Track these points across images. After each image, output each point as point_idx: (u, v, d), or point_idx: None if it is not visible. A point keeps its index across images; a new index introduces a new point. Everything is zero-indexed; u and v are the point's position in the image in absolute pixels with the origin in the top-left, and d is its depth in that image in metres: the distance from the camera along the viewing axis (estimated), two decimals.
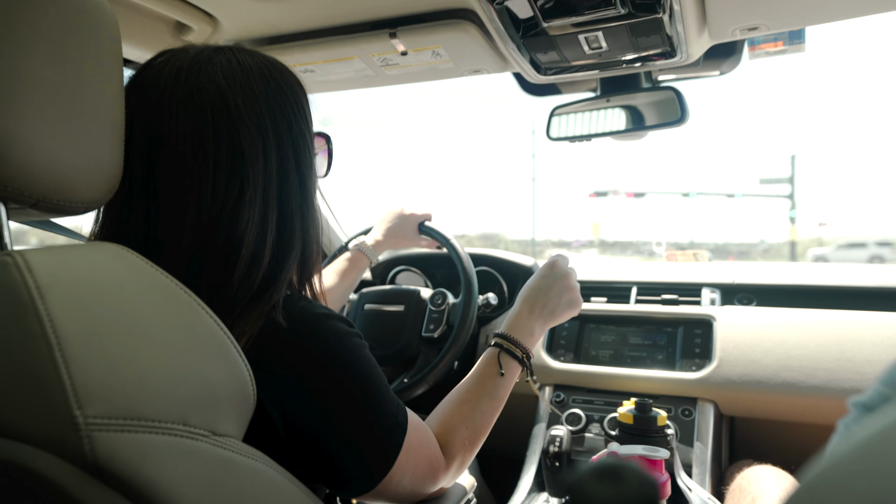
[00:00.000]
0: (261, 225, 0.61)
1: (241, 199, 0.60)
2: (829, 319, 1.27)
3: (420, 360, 1.31)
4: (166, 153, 0.59)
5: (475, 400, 0.82)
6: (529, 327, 0.91)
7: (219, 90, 0.60)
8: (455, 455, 0.76)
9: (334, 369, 0.61)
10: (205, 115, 0.59)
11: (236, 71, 0.62)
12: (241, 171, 0.60)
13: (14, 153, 0.43)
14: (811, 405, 1.17)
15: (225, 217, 0.59)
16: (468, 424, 0.79)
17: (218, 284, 0.59)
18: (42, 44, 0.45)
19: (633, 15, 0.90)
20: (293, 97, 0.66)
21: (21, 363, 0.39)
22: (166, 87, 0.60)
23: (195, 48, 0.63)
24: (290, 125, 0.64)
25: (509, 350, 0.87)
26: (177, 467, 0.41)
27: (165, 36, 1.05)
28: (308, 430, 0.60)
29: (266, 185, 0.62)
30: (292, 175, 0.64)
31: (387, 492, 0.65)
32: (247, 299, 0.60)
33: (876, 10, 0.91)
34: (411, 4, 0.98)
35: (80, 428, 0.38)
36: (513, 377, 0.87)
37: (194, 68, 0.61)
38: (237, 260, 0.59)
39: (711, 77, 1.25)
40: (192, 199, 0.59)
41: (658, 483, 0.85)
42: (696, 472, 1.14)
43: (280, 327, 0.59)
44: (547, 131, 1.27)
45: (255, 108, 0.61)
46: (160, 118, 0.59)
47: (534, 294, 0.95)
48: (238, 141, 0.60)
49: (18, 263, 0.40)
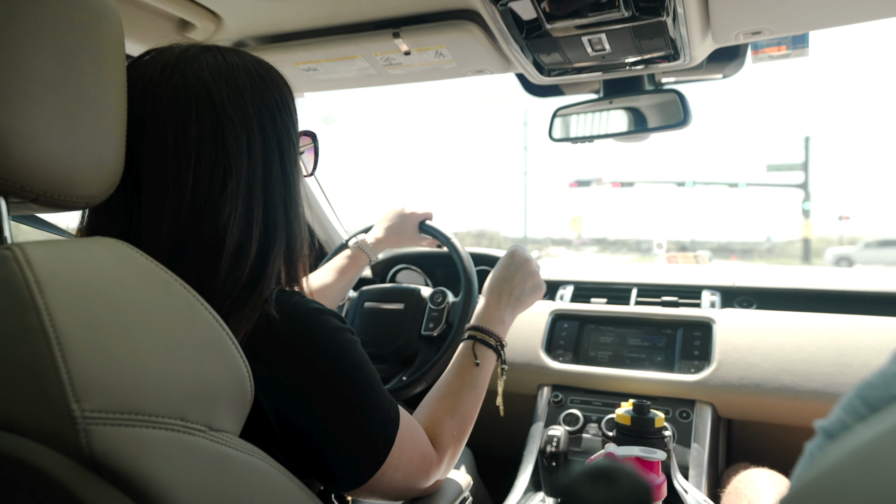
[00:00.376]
0: (245, 217, 0.62)
1: (224, 191, 0.61)
2: (829, 323, 1.27)
3: (419, 359, 1.32)
4: (149, 145, 0.59)
5: (457, 392, 0.84)
6: (499, 316, 0.95)
7: (204, 85, 0.61)
8: (445, 448, 0.77)
9: (326, 364, 0.62)
10: (189, 109, 0.60)
11: (222, 67, 0.62)
12: (224, 165, 0.61)
13: (16, 148, 0.43)
14: (809, 409, 1.17)
15: (208, 209, 0.60)
16: (454, 416, 0.81)
17: (206, 276, 0.59)
18: (44, 39, 0.45)
19: (636, 18, 0.90)
20: (279, 94, 0.66)
21: (19, 357, 0.39)
22: (150, 81, 0.60)
23: (181, 46, 0.64)
24: (274, 122, 0.65)
25: (483, 340, 0.91)
26: (173, 462, 0.42)
27: (169, 33, 1.05)
28: (300, 424, 0.60)
29: (250, 178, 0.62)
30: (276, 170, 0.65)
31: (379, 487, 0.66)
32: (236, 292, 0.60)
33: (879, 16, 0.91)
34: (415, 5, 0.98)
35: (77, 422, 0.38)
36: (490, 366, 0.91)
37: (180, 64, 0.61)
38: (222, 251, 0.60)
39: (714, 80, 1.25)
40: (173, 191, 0.59)
41: (651, 486, 0.85)
42: (693, 475, 1.14)
43: (273, 321, 0.60)
44: (549, 132, 1.27)
45: (239, 103, 0.62)
46: (143, 111, 0.59)
47: (499, 285, 0.99)
48: (222, 135, 0.61)
49: (18, 257, 0.40)
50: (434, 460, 0.74)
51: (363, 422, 0.63)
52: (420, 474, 0.71)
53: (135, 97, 0.59)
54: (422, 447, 0.72)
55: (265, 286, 0.62)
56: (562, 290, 1.61)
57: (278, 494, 0.52)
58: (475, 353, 0.89)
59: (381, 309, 1.41)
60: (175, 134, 0.59)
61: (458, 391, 0.84)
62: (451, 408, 0.82)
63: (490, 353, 0.91)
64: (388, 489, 0.67)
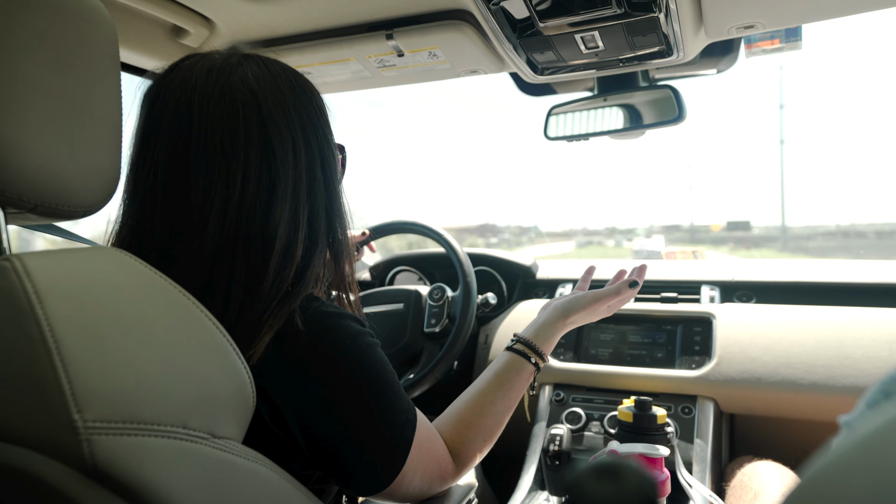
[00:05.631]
0: (292, 219, 0.63)
1: (273, 193, 0.62)
2: (829, 316, 1.27)
3: (424, 356, 1.32)
4: (196, 145, 0.60)
5: (498, 414, 0.81)
6: (555, 333, 0.92)
7: (250, 90, 0.62)
8: (469, 463, 0.77)
9: (348, 369, 0.62)
10: (236, 112, 0.61)
11: (265, 74, 0.64)
12: (271, 168, 0.62)
13: (12, 157, 0.43)
14: (810, 402, 1.17)
15: (259, 209, 0.61)
16: (486, 437, 0.79)
17: (253, 277, 0.60)
18: (39, 48, 0.45)
19: (629, 14, 0.90)
20: (316, 103, 0.68)
21: (20, 367, 0.39)
22: (197, 83, 0.61)
23: (223, 53, 0.66)
24: (315, 129, 0.66)
25: (525, 354, 0.87)
26: (176, 470, 0.42)
27: (162, 40, 1.05)
28: (322, 428, 0.61)
29: (296, 181, 0.64)
30: (319, 175, 0.66)
31: (398, 491, 0.65)
32: (282, 294, 0.61)
33: (872, 8, 0.91)
34: (407, 6, 0.98)
35: (79, 432, 0.38)
36: (527, 382, 0.86)
37: (226, 69, 0.63)
38: (272, 252, 0.61)
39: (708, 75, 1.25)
40: (221, 191, 0.60)
41: (657, 481, 0.85)
42: (697, 470, 1.14)
43: (295, 326, 0.60)
44: (544, 131, 1.27)
45: (284, 109, 0.63)
46: (190, 114, 0.60)
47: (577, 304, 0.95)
48: (269, 139, 0.62)
49: (17, 268, 0.40)
50: (450, 468, 0.74)
51: (385, 425, 0.63)
52: (436, 479, 0.71)
53: (180, 100, 0.60)
54: (438, 451, 0.71)
55: (303, 289, 0.63)
56: (561, 288, 1.61)
57: (282, 501, 0.52)
58: (518, 369, 0.85)
59: (380, 312, 1.41)
60: (223, 136, 0.60)
61: (502, 413, 0.81)
62: (488, 429, 0.79)
63: (530, 369, 0.86)
64: (406, 492, 0.67)
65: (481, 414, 0.79)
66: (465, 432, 0.77)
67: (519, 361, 0.86)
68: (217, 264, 0.59)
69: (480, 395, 0.81)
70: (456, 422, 0.78)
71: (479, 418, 0.79)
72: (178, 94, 0.61)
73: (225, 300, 0.58)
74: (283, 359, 0.59)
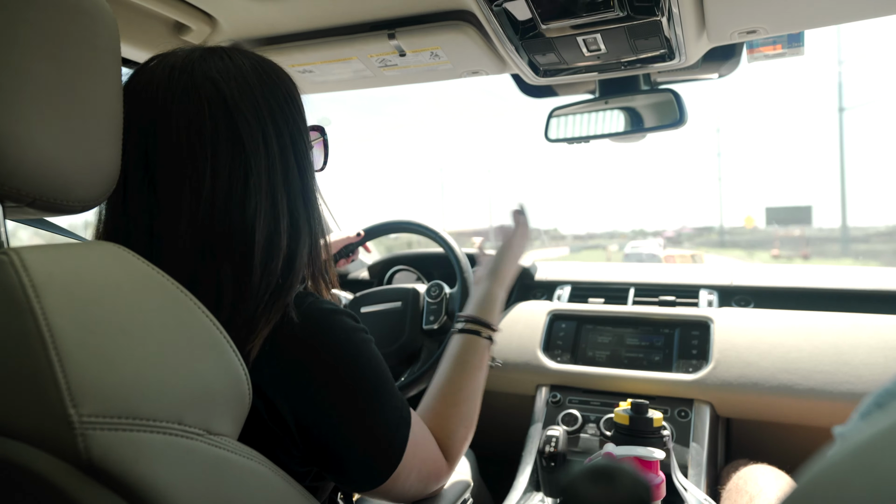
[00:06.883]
0: (272, 210, 0.62)
1: (247, 185, 0.61)
2: (827, 322, 1.27)
3: (424, 353, 1.32)
4: (163, 146, 0.59)
5: (470, 398, 0.83)
6: (497, 298, 0.96)
7: (214, 84, 0.61)
8: (457, 455, 0.78)
9: (342, 365, 0.62)
10: (201, 107, 0.60)
11: (229, 66, 0.63)
12: (242, 160, 0.61)
13: (11, 151, 0.43)
14: (808, 408, 1.17)
15: (233, 204, 0.60)
16: (467, 424, 0.80)
17: (241, 273, 0.59)
18: (39, 43, 0.45)
19: (631, 18, 0.90)
20: (286, 90, 0.67)
21: (16, 361, 0.39)
22: (160, 83, 0.60)
23: (185, 49, 0.64)
24: (285, 116, 0.65)
25: (476, 332, 0.90)
26: (171, 466, 0.42)
27: (164, 36, 1.05)
28: (317, 424, 0.61)
29: (270, 171, 0.63)
30: (292, 162, 0.65)
31: (395, 489, 0.66)
32: (272, 288, 0.60)
33: (875, 14, 0.92)
34: (410, 6, 0.98)
35: (74, 426, 0.38)
36: (487, 359, 0.89)
37: (188, 66, 0.62)
38: (253, 246, 0.60)
39: (710, 79, 1.25)
40: (189, 190, 0.59)
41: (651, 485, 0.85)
42: (692, 473, 1.14)
43: (290, 322, 0.60)
44: (545, 133, 1.27)
45: (251, 99, 0.62)
46: (155, 112, 0.59)
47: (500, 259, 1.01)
48: (237, 130, 0.61)
49: (14, 262, 0.40)
50: (443, 464, 0.74)
51: (380, 421, 0.63)
52: (431, 476, 0.71)
53: (145, 101, 0.60)
54: (431, 447, 0.72)
55: (294, 281, 0.63)
56: (559, 290, 1.61)
57: (277, 498, 0.52)
58: (474, 348, 0.87)
59: (379, 311, 1.41)
60: (188, 133, 0.59)
61: (472, 397, 0.83)
62: (465, 415, 0.81)
63: (484, 343, 0.89)
64: (402, 490, 0.67)
65: (453, 403, 0.81)
66: (444, 426, 0.78)
67: (471, 340, 0.88)
68: (201, 261, 0.59)
69: (446, 385, 0.83)
70: (432, 418, 0.79)
71: (452, 408, 0.80)
72: (142, 97, 0.60)
73: (216, 297, 0.58)
74: (278, 355, 0.59)
